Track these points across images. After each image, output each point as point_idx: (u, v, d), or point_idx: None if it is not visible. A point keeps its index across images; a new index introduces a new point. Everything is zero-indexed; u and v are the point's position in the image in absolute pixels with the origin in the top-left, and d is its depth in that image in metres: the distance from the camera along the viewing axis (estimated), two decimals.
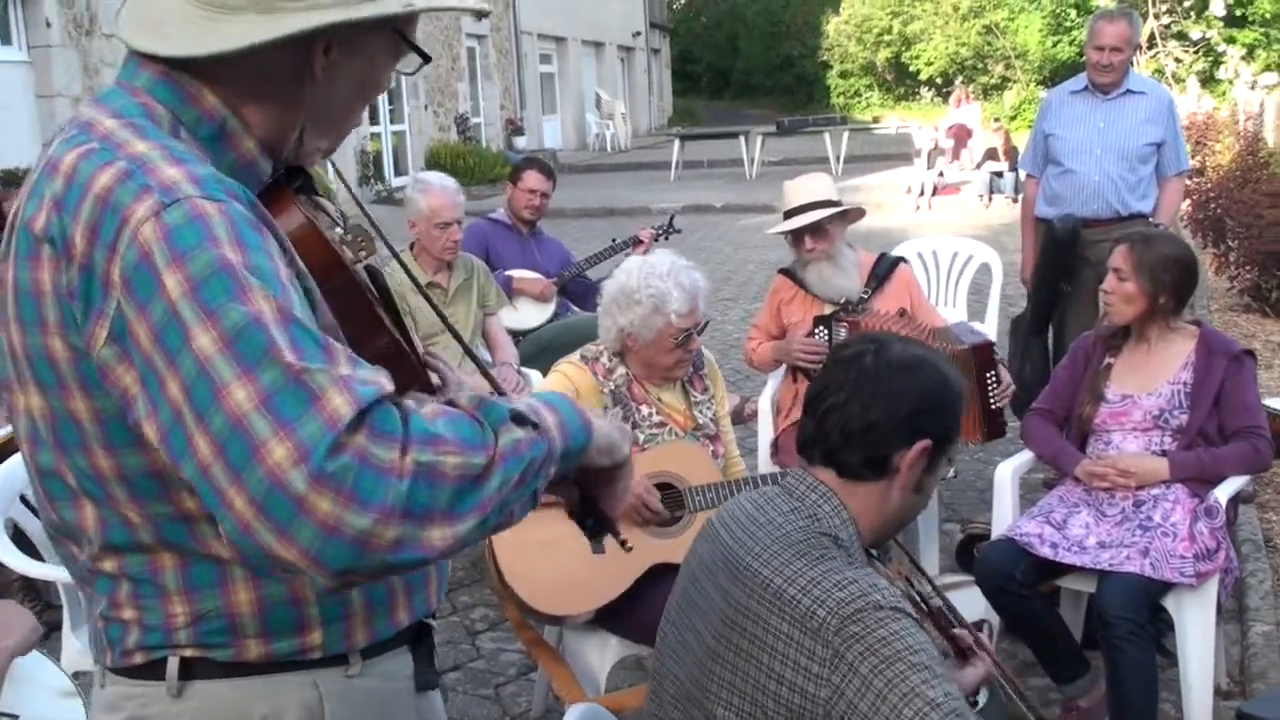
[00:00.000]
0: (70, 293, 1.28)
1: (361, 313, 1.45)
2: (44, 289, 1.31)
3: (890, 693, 1.73)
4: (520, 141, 24.85)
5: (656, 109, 39.52)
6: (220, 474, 1.17)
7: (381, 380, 1.24)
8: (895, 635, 1.77)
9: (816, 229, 4.36)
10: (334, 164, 1.71)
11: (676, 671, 2.02)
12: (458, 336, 1.75)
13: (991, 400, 4.02)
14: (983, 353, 4.03)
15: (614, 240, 6.42)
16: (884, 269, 4.49)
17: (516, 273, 5.81)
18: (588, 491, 1.53)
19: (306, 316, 1.26)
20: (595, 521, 1.57)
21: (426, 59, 1.53)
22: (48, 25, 12.47)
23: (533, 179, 5.92)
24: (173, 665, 1.42)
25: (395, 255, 1.77)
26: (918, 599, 2.20)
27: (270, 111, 1.44)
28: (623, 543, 1.72)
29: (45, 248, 1.30)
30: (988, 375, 4.00)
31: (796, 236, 4.43)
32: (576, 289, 6.12)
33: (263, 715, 1.44)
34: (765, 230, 14.57)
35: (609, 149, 29.22)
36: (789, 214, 4.43)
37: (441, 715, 1.73)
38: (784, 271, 4.62)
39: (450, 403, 1.31)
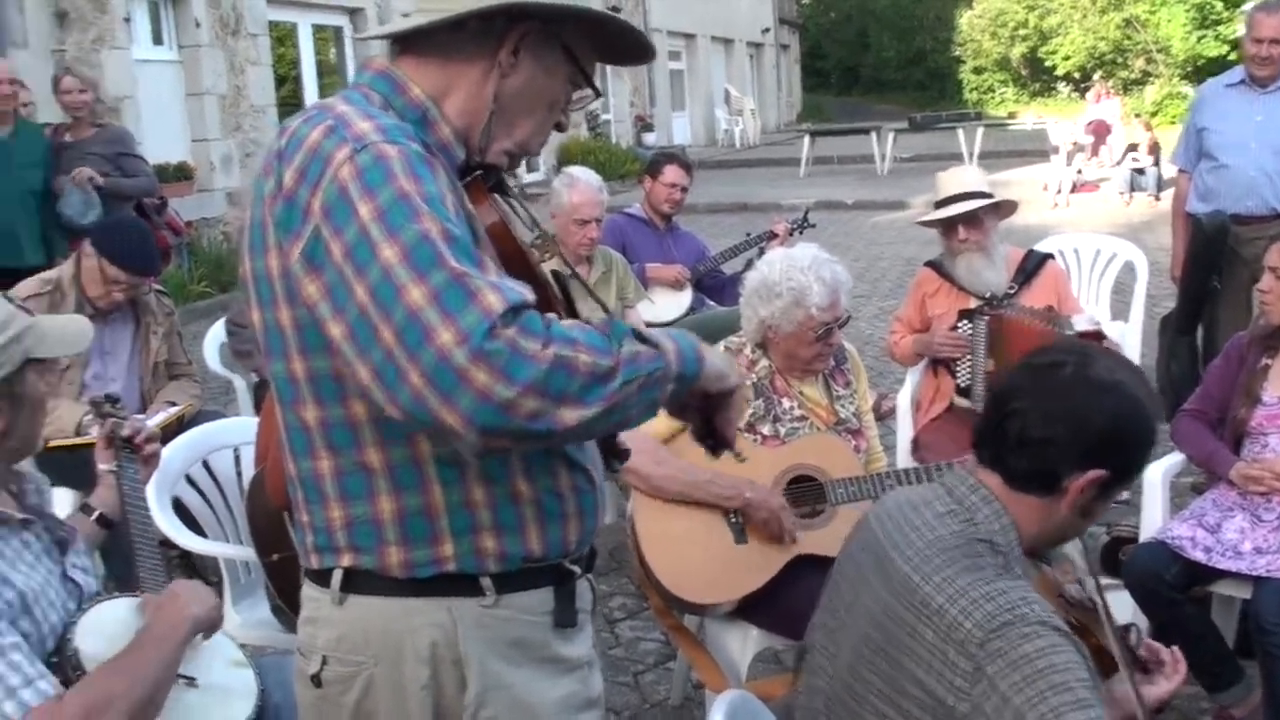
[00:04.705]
0: (278, 221, 1.59)
1: (540, 306, 1.65)
2: (266, 220, 1.62)
3: (1029, 712, 1.66)
4: (650, 138, 24.93)
5: (785, 105, 39.34)
6: (400, 355, 1.43)
7: (526, 292, 1.51)
8: (1039, 652, 1.69)
9: (971, 218, 4.35)
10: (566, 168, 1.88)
11: (827, 668, 1.99)
12: (609, 313, 1.88)
13: None
14: (1088, 340, 3.95)
15: (749, 234, 6.40)
16: (1032, 265, 4.45)
17: (650, 265, 5.85)
18: (707, 415, 1.77)
19: (466, 237, 1.52)
20: (714, 440, 1.80)
21: (598, 93, 1.85)
22: (196, 25, 12.91)
23: (673, 173, 5.95)
24: (337, 576, 1.70)
25: (563, 259, 1.89)
26: (1089, 603, 2.12)
27: (462, 103, 1.72)
28: (737, 454, 1.90)
29: (268, 187, 1.62)
30: None
31: (949, 227, 4.41)
32: (711, 283, 6.13)
33: (401, 631, 1.68)
34: (899, 226, 14.43)
35: (738, 145, 29.17)
36: (941, 203, 4.42)
37: (581, 650, 1.83)
38: (930, 264, 4.60)
39: (587, 321, 1.58)
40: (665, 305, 5.77)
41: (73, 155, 7.13)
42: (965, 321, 4.33)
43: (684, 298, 5.88)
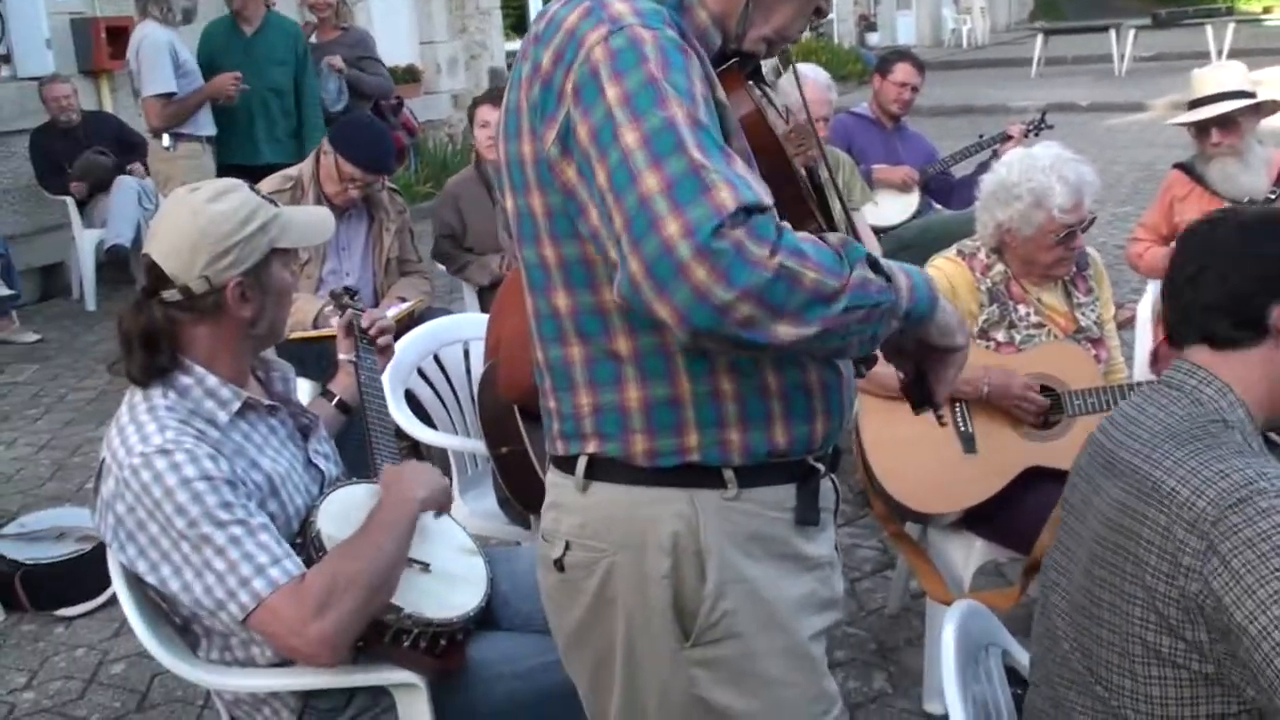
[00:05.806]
0: (533, 105, 1.57)
1: (792, 200, 1.63)
2: (521, 105, 1.61)
3: (1259, 589, 1.57)
4: (873, 38, 24.29)
5: (1017, 2, 37.64)
6: (626, 241, 1.42)
7: (763, 195, 1.45)
8: (1277, 529, 1.59)
9: (1225, 121, 4.10)
10: (795, 65, 1.81)
11: (1062, 583, 1.93)
12: (848, 211, 1.85)
13: None
14: None
15: (981, 136, 6.16)
16: None
17: (878, 166, 5.70)
18: (922, 369, 1.73)
19: (713, 126, 1.48)
20: (922, 397, 1.75)
21: None
22: None
23: (903, 71, 5.78)
24: (581, 463, 1.70)
25: (821, 150, 1.82)
26: None
27: None
28: (939, 418, 1.83)
29: (524, 71, 1.60)
30: None
31: (1201, 129, 4.18)
32: (939, 185, 5.94)
33: (644, 520, 1.66)
34: (1136, 129, 13.70)
35: (965, 45, 28.16)
36: (1194, 104, 4.17)
37: (823, 550, 1.79)
38: (1180, 166, 4.37)
39: (822, 238, 1.49)
40: (891, 207, 5.63)
41: (318, 56, 7.38)
42: None
43: (911, 200, 5.71)
